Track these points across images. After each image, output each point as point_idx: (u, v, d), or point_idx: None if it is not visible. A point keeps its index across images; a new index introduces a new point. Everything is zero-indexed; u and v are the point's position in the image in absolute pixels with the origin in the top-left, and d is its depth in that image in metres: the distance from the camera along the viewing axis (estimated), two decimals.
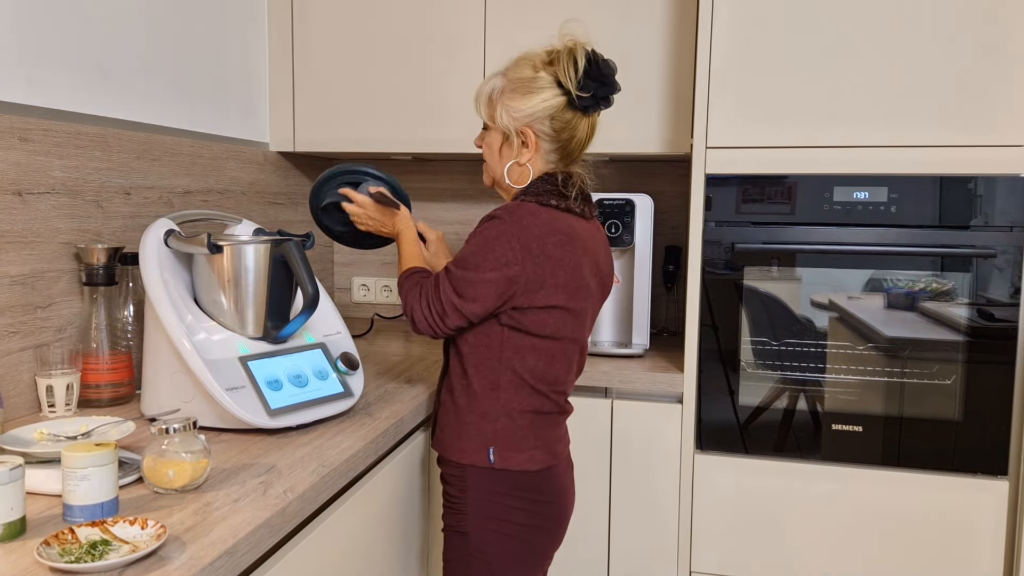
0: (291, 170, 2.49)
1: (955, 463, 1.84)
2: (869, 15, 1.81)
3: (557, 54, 1.44)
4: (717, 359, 1.96)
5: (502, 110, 1.46)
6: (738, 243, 1.92)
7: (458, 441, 1.47)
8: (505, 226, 1.38)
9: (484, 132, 1.54)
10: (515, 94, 1.45)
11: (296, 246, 1.48)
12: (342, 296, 2.81)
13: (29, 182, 1.48)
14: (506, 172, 1.50)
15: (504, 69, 1.50)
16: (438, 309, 1.42)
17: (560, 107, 1.44)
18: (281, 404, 1.41)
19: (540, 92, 1.44)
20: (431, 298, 1.43)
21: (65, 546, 0.92)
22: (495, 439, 1.45)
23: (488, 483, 1.45)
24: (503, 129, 1.47)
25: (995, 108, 1.76)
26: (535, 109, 1.44)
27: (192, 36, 1.99)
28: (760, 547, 1.96)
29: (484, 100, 1.51)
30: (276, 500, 1.11)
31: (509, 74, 1.47)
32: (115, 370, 1.58)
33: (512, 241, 1.37)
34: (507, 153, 1.49)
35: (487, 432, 1.45)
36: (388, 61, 2.29)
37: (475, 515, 1.45)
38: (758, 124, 1.88)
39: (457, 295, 1.40)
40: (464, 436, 1.46)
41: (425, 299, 1.44)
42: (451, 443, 1.48)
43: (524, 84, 1.45)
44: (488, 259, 1.37)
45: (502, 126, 1.47)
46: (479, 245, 1.39)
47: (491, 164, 1.54)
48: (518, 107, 1.45)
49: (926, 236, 1.83)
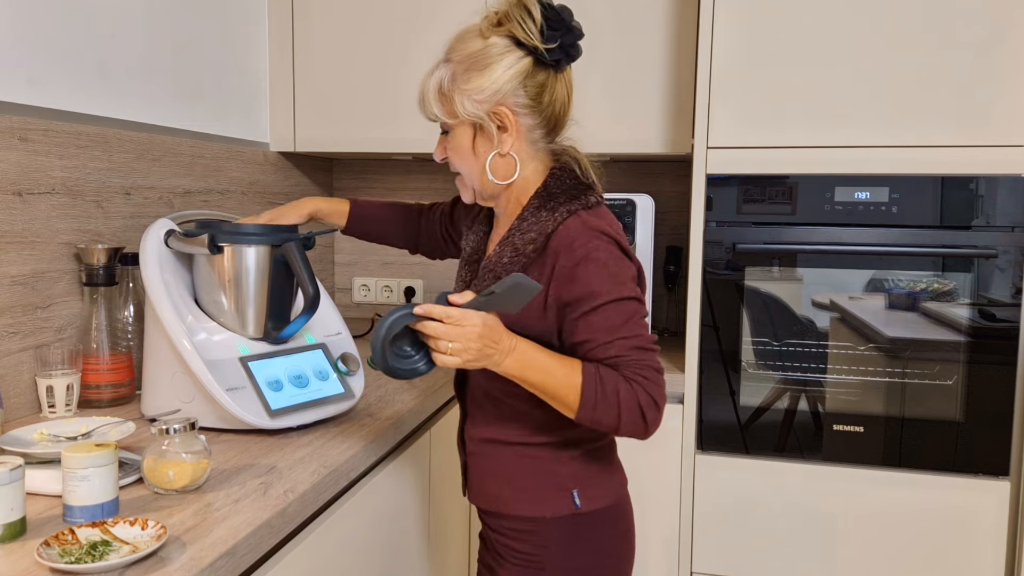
0: (291, 170, 2.49)
1: (956, 464, 1.84)
2: (871, 15, 1.80)
3: (504, 12, 1.20)
4: (718, 359, 1.95)
5: (461, 98, 1.20)
6: (739, 243, 1.91)
7: (525, 493, 1.24)
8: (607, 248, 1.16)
9: (444, 137, 1.26)
10: (470, 73, 1.19)
11: (297, 246, 1.48)
12: (342, 296, 2.81)
13: (29, 182, 1.48)
14: (488, 168, 1.22)
15: (445, 55, 1.25)
16: (659, 391, 1.13)
17: (528, 70, 1.19)
18: (282, 405, 1.40)
19: (500, 60, 1.18)
20: (648, 367, 1.13)
21: (65, 547, 0.92)
22: (576, 480, 1.24)
23: (575, 532, 1.24)
24: (470, 120, 1.20)
25: (996, 108, 1.76)
26: (501, 81, 1.18)
27: (192, 36, 1.99)
28: (761, 548, 1.95)
29: (433, 96, 1.23)
30: (276, 501, 1.11)
31: (453, 55, 1.22)
32: (115, 370, 1.57)
33: (627, 259, 1.18)
34: (484, 147, 1.22)
35: (564, 475, 1.23)
36: (388, 61, 2.28)
37: (559, 570, 1.25)
38: (759, 124, 1.88)
39: (655, 356, 1.15)
40: (535, 484, 1.24)
41: (649, 377, 1.13)
42: (514, 496, 1.25)
43: (476, 58, 1.19)
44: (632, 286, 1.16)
45: (468, 116, 1.20)
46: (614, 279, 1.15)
47: (468, 170, 1.25)
48: (480, 87, 1.19)
49: (927, 236, 1.83)
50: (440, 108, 1.23)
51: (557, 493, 1.24)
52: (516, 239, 1.21)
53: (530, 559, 1.26)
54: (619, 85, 2.14)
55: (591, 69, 2.09)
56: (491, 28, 1.21)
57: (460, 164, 1.26)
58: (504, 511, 1.27)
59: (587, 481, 1.25)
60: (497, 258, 1.23)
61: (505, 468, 1.26)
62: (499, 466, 1.27)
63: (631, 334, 1.14)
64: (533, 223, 1.20)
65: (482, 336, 1.10)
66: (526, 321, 1.18)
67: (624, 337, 1.14)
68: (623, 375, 1.13)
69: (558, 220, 1.18)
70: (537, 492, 1.24)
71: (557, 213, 1.19)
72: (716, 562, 1.98)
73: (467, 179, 1.27)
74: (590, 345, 1.15)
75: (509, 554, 1.28)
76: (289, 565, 1.14)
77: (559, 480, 1.24)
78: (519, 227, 1.22)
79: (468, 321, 1.09)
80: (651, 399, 1.12)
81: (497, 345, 1.12)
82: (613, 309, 1.14)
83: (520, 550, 1.26)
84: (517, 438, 1.25)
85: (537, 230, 1.19)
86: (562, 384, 1.13)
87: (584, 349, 1.16)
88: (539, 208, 1.21)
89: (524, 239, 1.20)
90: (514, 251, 1.21)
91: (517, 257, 1.20)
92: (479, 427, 1.31)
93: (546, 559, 1.25)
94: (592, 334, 1.14)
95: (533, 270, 1.19)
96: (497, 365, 1.13)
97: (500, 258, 1.22)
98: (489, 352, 1.11)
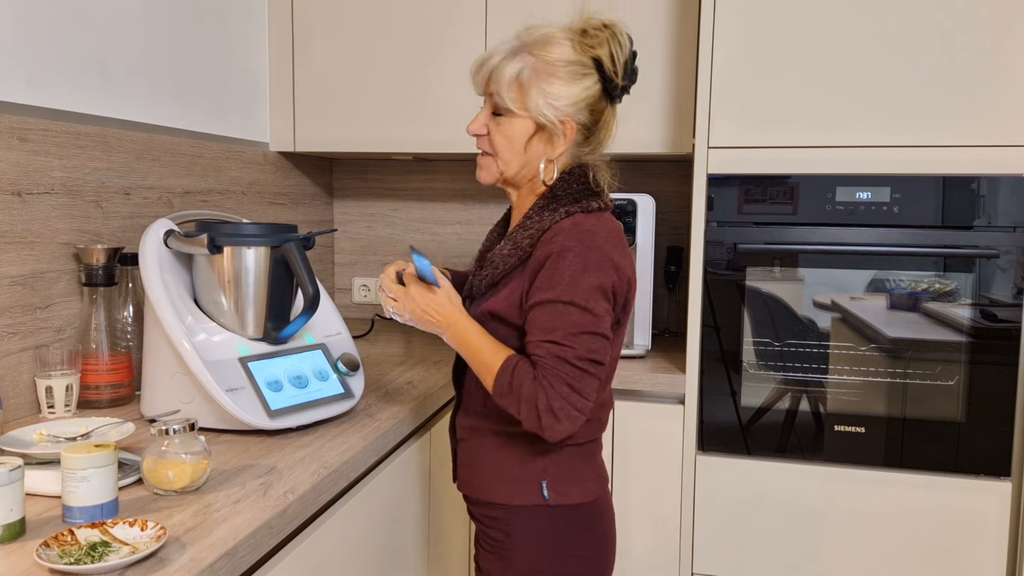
0: (291, 170, 2.49)
1: (958, 464, 1.84)
2: (872, 14, 1.80)
3: (600, 38, 1.22)
4: (719, 360, 1.95)
5: (538, 97, 1.22)
6: (740, 243, 1.91)
7: (498, 480, 1.29)
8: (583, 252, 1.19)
9: (498, 119, 1.27)
10: (554, 78, 1.21)
11: (297, 246, 1.47)
12: (342, 297, 2.80)
13: (29, 182, 1.48)
14: (543, 170, 1.27)
15: (526, 43, 1.24)
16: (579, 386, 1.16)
17: (597, 95, 1.25)
18: (281, 405, 1.40)
19: (585, 78, 1.22)
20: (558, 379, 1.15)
21: (65, 547, 0.92)
22: (547, 472, 1.27)
23: (540, 522, 1.27)
24: (537, 119, 1.23)
25: (998, 108, 1.76)
26: (579, 97, 1.23)
27: (192, 36, 1.99)
28: (762, 548, 1.95)
29: (510, 82, 1.23)
30: (276, 501, 1.10)
31: (540, 53, 1.22)
32: (115, 371, 1.57)
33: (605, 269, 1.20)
34: (536, 147, 1.26)
35: (537, 466, 1.27)
36: (388, 61, 2.28)
37: (523, 560, 1.28)
38: (760, 124, 1.88)
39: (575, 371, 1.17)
40: (508, 473, 1.28)
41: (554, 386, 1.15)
42: (488, 483, 1.30)
43: (568, 67, 1.22)
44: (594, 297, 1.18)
45: (537, 115, 1.23)
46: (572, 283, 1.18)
47: (509, 157, 1.27)
48: (561, 94, 1.22)
49: (929, 236, 1.82)
50: (511, 95, 1.24)
51: (527, 483, 1.28)
52: (517, 235, 1.27)
53: (499, 546, 1.31)
54: None
55: None
56: (584, 46, 1.23)
57: (505, 150, 1.27)
58: (480, 497, 1.32)
59: (559, 476, 1.28)
60: (499, 249, 1.29)
61: (486, 455, 1.32)
62: (480, 453, 1.32)
63: (561, 342, 1.16)
64: (536, 221, 1.26)
65: (419, 302, 1.27)
66: (511, 311, 1.24)
67: (552, 342, 1.17)
68: (534, 375, 1.17)
69: (555, 220, 1.24)
70: (509, 480, 1.29)
71: (556, 214, 1.24)
72: (717, 563, 1.98)
73: (502, 163, 1.29)
74: (529, 335, 1.20)
75: (484, 541, 1.34)
76: (289, 566, 1.14)
77: (531, 471, 1.28)
78: (523, 224, 1.27)
79: (413, 290, 1.28)
80: (548, 406, 1.15)
81: (438, 314, 1.26)
82: (557, 311, 1.17)
83: (492, 537, 1.32)
84: (499, 426, 1.30)
85: (537, 228, 1.24)
86: (484, 367, 1.22)
87: (526, 339, 1.21)
88: (543, 208, 1.26)
89: (523, 235, 1.26)
90: (514, 245, 1.26)
91: (515, 251, 1.26)
92: (468, 415, 1.36)
93: (512, 548, 1.29)
94: (530, 328, 1.20)
95: (527, 263, 1.24)
96: (442, 334, 1.27)
97: (501, 250, 1.28)
98: (427, 319, 1.27)
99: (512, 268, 1.26)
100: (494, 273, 1.27)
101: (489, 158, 1.30)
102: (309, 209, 2.61)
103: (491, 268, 1.28)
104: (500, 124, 1.27)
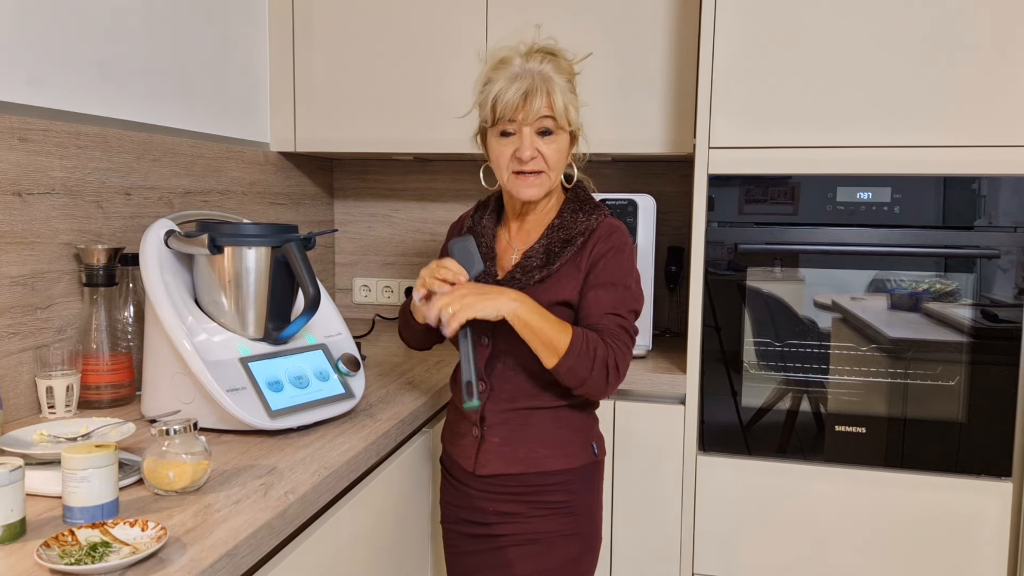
0: (292, 170, 2.49)
1: (959, 465, 1.84)
2: (873, 14, 1.80)
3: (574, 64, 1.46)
4: (720, 360, 1.95)
5: (575, 111, 1.42)
6: (741, 244, 1.91)
7: (559, 449, 1.45)
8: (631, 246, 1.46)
9: (547, 137, 1.41)
10: (575, 94, 1.43)
11: (297, 247, 1.47)
12: (343, 297, 2.80)
13: (29, 182, 1.48)
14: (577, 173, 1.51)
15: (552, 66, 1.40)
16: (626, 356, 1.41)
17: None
18: (282, 405, 1.40)
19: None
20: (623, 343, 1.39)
21: (65, 548, 0.92)
22: (592, 432, 1.50)
23: (594, 475, 1.50)
24: (576, 130, 1.45)
25: (999, 108, 1.76)
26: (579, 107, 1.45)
27: (192, 36, 1.99)
28: (763, 549, 1.95)
29: (568, 101, 1.40)
30: (277, 502, 1.10)
31: (565, 72, 1.42)
32: (115, 371, 1.57)
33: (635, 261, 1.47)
34: (568, 154, 1.47)
35: (585, 430, 1.49)
36: (389, 61, 2.28)
37: (586, 509, 1.48)
38: (761, 124, 1.87)
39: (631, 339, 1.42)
40: (565, 441, 1.46)
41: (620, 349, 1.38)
42: (548, 454, 1.45)
43: (573, 80, 1.44)
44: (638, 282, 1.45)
45: (576, 128, 1.44)
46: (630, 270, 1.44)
47: (559, 170, 1.45)
48: (578, 105, 1.43)
49: (930, 237, 1.82)
50: (567, 117, 1.39)
51: (582, 445, 1.47)
52: (561, 234, 1.44)
53: (562, 506, 1.45)
54: (620, 85, 2.14)
55: (593, 69, 2.08)
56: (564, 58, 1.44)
57: (557, 166, 1.43)
58: (537, 469, 1.44)
59: (596, 433, 1.52)
60: (547, 248, 1.44)
61: (538, 431, 1.44)
62: (532, 430, 1.44)
63: (623, 315, 1.40)
64: (574, 220, 1.46)
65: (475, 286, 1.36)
66: (565, 285, 1.42)
67: (615, 314, 1.40)
68: (602, 339, 1.36)
69: (598, 220, 1.46)
70: (569, 446, 1.46)
71: (595, 214, 1.46)
72: (718, 563, 1.98)
73: (552, 177, 1.44)
74: (591, 311, 1.40)
75: (539, 508, 1.45)
76: (290, 567, 1.14)
77: (582, 435, 1.48)
78: (562, 224, 1.46)
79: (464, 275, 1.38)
80: (616, 363, 1.36)
81: (501, 292, 1.34)
82: (619, 292, 1.41)
83: (556, 500, 1.45)
84: (549, 403, 1.44)
85: (584, 226, 1.44)
86: (555, 333, 1.33)
87: (585, 312, 1.40)
88: (576, 210, 1.47)
89: (571, 232, 1.44)
90: (563, 242, 1.43)
91: (568, 246, 1.43)
92: (507, 400, 1.45)
93: (576, 503, 1.46)
94: (597, 303, 1.40)
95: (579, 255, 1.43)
96: (504, 309, 1.32)
97: (550, 246, 1.44)
98: (490, 298, 1.32)
99: (566, 261, 1.42)
100: (551, 267, 1.42)
101: (543, 175, 1.42)
102: (310, 209, 2.61)
103: (544, 261, 1.43)
104: (551, 142, 1.41)
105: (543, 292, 1.41)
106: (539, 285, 1.42)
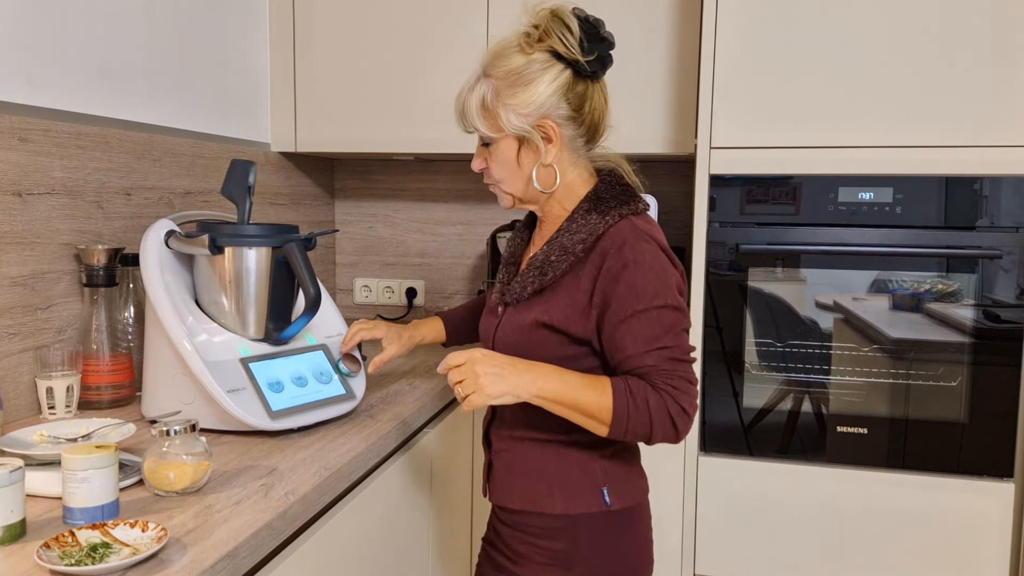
0: (292, 170, 2.49)
1: (960, 465, 1.83)
2: (874, 14, 1.80)
3: (544, 28, 1.23)
4: (721, 361, 1.95)
5: (506, 113, 1.23)
6: (742, 244, 1.91)
7: (557, 490, 1.25)
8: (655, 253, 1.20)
9: (486, 149, 1.28)
10: (514, 89, 1.22)
11: (298, 247, 1.47)
12: (344, 297, 2.80)
13: (29, 182, 1.48)
14: (535, 178, 1.26)
15: (483, 69, 1.27)
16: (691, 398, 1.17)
17: (569, 82, 1.23)
18: (282, 406, 1.40)
19: (543, 74, 1.22)
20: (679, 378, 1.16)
21: (65, 549, 0.91)
22: (607, 477, 1.26)
23: (604, 528, 1.26)
24: (516, 133, 1.24)
25: (1001, 108, 1.75)
26: (545, 95, 1.22)
27: (193, 36, 1.98)
28: (764, 549, 1.95)
29: (476, 112, 1.26)
30: (278, 502, 1.10)
31: (494, 71, 1.25)
32: (115, 372, 1.57)
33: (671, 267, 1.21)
34: (528, 158, 1.26)
35: (595, 472, 1.25)
36: (390, 61, 2.28)
37: (587, 566, 1.26)
38: (762, 124, 1.87)
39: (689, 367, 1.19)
40: (566, 482, 1.25)
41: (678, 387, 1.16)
42: (545, 494, 1.26)
43: (520, 74, 1.22)
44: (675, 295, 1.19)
45: (514, 130, 1.23)
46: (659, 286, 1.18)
47: (511, 179, 1.28)
48: (525, 101, 1.22)
49: (931, 237, 1.82)
50: (484, 123, 1.25)
51: (589, 490, 1.26)
52: (564, 239, 1.24)
53: (559, 556, 1.27)
54: (622, 85, 2.14)
55: None
56: (532, 44, 1.24)
57: (503, 175, 1.28)
58: (534, 508, 1.28)
59: (616, 479, 1.27)
60: (544, 256, 1.25)
61: (538, 465, 1.28)
62: (531, 463, 1.28)
63: (669, 344, 1.17)
64: (583, 224, 1.24)
65: (487, 363, 1.16)
66: (569, 321, 1.22)
67: (663, 347, 1.17)
68: (652, 384, 1.16)
69: (609, 223, 1.22)
70: (570, 489, 1.26)
71: (608, 216, 1.22)
72: (719, 564, 1.98)
73: (508, 187, 1.29)
74: (628, 352, 1.18)
75: (535, 553, 1.29)
76: (290, 567, 1.13)
77: (591, 477, 1.26)
78: (568, 228, 1.25)
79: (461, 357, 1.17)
80: (680, 408, 1.15)
81: (509, 372, 1.16)
82: (654, 316, 1.17)
83: (549, 547, 1.27)
84: (551, 435, 1.27)
85: (587, 231, 1.22)
86: (591, 403, 1.15)
87: (622, 355, 1.18)
88: (589, 211, 1.24)
89: (573, 239, 1.23)
90: (562, 250, 1.23)
91: (565, 256, 1.23)
92: (510, 425, 1.32)
93: (575, 556, 1.26)
94: (633, 342, 1.17)
95: (581, 269, 1.22)
96: (528, 386, 1.16)
97: (548, 256, 1.25)
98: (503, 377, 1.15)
99: (562, 274, 1.23)
100: (542, 280, 1.24)
101: (497, 186, 1.31)
102: (310, 209, 2.61)
103: (536, 275, 1.25)
104: (491, 153, 1.28)
105: (526, 310, 1.25)
106: (534, 303, 1.25)
